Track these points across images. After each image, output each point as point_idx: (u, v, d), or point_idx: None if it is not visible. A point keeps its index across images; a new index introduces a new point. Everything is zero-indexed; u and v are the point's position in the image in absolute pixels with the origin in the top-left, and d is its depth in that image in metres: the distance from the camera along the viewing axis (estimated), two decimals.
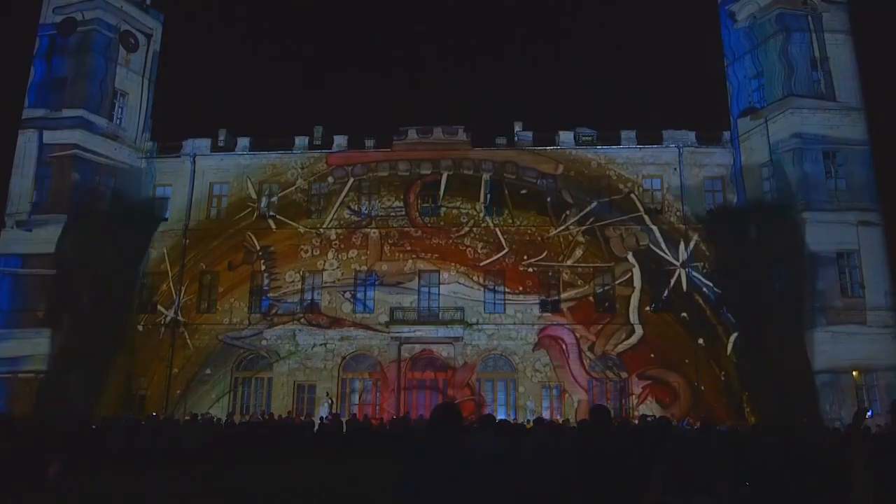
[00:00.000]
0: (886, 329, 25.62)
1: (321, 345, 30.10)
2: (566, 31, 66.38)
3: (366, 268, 30.84)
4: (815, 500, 8.15)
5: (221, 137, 33.65)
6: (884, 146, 28.24)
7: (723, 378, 28.36)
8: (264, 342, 30.33)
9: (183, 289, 31.11)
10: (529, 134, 32.12)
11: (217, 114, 57.80)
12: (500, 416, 26.78)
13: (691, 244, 29.94)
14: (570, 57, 67.29)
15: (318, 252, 31.20)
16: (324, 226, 31.48)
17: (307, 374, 29.87)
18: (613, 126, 32.18)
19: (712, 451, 7.33)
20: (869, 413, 22.30)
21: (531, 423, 15.29)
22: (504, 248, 30.44)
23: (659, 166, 31.25)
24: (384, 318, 30.01)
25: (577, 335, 29.37)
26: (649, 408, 27.80)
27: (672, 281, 29.72)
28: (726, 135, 31.14)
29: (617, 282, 29.96)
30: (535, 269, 30.27)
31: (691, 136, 31.38)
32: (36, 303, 27.89)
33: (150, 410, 27.71)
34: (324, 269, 30.97)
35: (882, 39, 30.26)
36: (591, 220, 30.49)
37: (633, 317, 29.39)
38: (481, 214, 31.09)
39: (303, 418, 26.16)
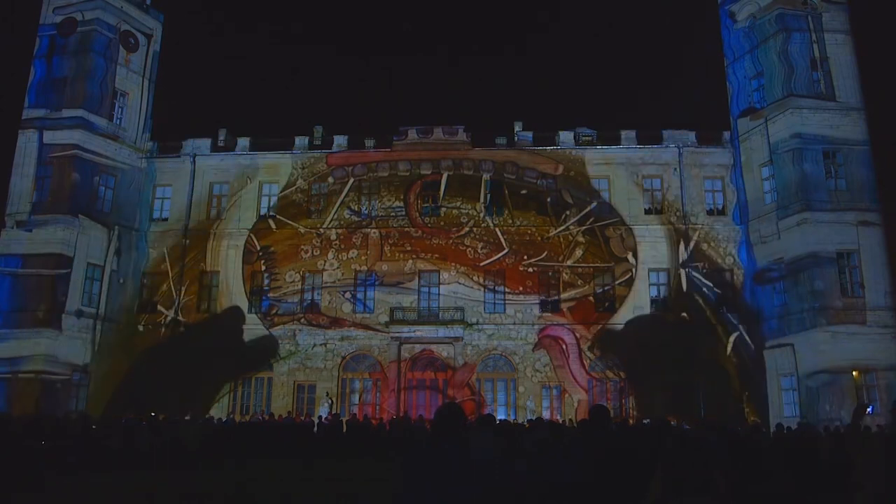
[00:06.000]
0: (886, 329, 25.60)
1: (321, 345, 30.10)
2: (566, 31, 66.39)
3: (366, 268, 30.84)
4: (815, 499, 8.15)
5: (221, 137, 33.64)
6: (884, 146, 28.27)
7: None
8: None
9: (183, 289, 31.11)
10: (529, 134, 32.12)
11: (217, 114, 57.88)
12: (500, 416, 26.80)
13: (691, 244, 29.97)
14: (571, 57, 67.29)
15: (318, 252, 31.20)
16: (324, 226, 31.48)
17: (307, 374, 29.87)
18: (613, 126, 32.24)
19: (712, 451, 7.34)
20: (869, 409, 22.35)
21: (528, 424, 15.27)
22: (504, 248, 30.45)
23: (659, 166, 31.26)
24: (384, 318, 30.01)
25: (577, 335, 29.38)
26: None
27: (672, 281, 29.76)
28: (726, 135, 31.15)
29: (617, 282, 29.98)
30: (535, 269, 30.28)
31: (691, 136, 31.39)
32: (36, 303, 27.90)
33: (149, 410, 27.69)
34: (324, 269, 30.97)
35: (882, 39, 30.30)
36: (591, 220, 30.50)
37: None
38: (481, 214, 31.09)
39: (303, 418, 26.17)
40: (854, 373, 25.12)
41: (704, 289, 29.47)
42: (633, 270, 29.92)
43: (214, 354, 28.77)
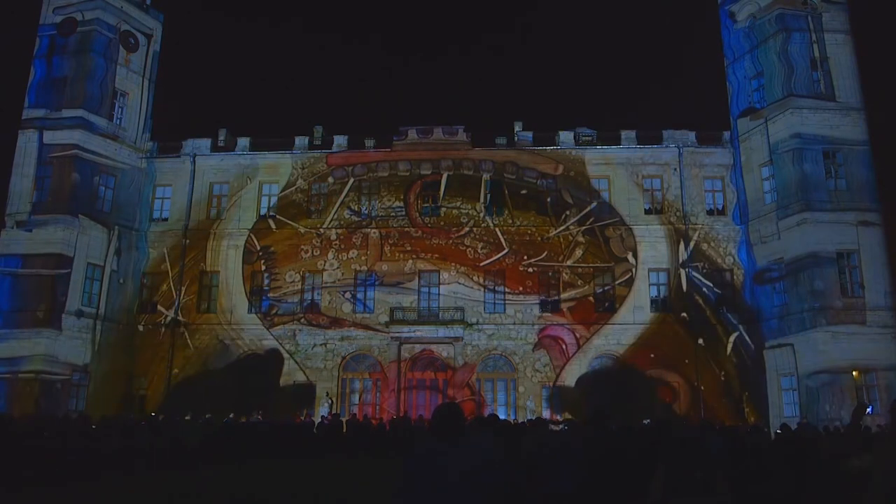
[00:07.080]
0: (886, 329, 25.59)
1: (321, 345, 30.09)
2: (567, 31, 66.42)
3: (366, 268, 30.84)
4: (815, 499, 8.14)
5: (221, 137, 33.65)
6: (884, 146, 28.27)
7: (723, 378, 28.39)
8: (264, 342, 30.32)
9: (183, 289, 31.10)
10: (529, 134, 32.11)
11: (217, 114, 57.93)
12: (500, 416, 26.78)
13: (691, 244, 29.97)
14: (571, 56, 67.33)
15: (318, 252, 31.19)
16: (324, 226, 31.47)
17: (307, 374, 29.86)
18: (613, 126, 32.27)
19: (711, 452, 7.34)
20: (869, 409, 22.34)
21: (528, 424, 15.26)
22: (504, 249, 30.44)
23: (659, 166, 31.26)
24: (384, 318, 30.01)
25: (577, 335, 29.37)
26: None
27: (672, 281, 29.76)
28: (726, 135, 31.15)
29: (617, 282, 29.97)
30: (535, 269, 30.27)
31: (691, 136, 31.39)
32: (36, 303, 27.89)
33: (150, 410, 27.70)
34: (324, 270, 30.96)
35: (882, 39, 30.27)
36: (591, 220, 30.49)
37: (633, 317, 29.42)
38: (481, 214, 31.09)
39: (303, 418, 26.18)
40: (854, 373, 25.12)
41: (704, 289, 29.47)
42: (633, 270, 29.92)
43: (253, 394, 28.34)
